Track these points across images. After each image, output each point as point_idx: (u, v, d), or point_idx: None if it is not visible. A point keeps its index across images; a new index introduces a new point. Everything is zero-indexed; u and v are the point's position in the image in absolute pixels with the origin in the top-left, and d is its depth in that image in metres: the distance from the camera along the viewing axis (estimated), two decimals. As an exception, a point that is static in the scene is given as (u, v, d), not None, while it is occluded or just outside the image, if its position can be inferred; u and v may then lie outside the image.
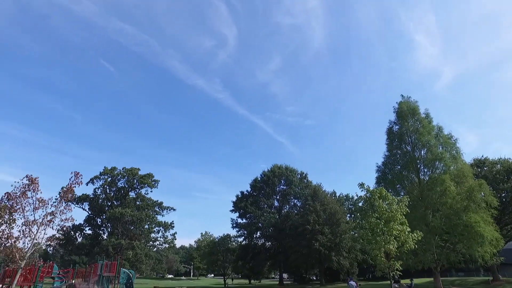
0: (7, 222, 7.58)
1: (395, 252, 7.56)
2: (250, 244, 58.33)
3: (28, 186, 7.93)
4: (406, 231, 7.72)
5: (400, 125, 32.70)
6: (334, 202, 52.37)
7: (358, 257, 49.99)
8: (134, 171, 62.03)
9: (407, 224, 7.80)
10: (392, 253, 7.48)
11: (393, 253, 7.49)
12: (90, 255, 52.48)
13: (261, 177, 61.94)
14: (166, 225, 61.73)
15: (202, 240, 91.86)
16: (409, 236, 7.68)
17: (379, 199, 7.88)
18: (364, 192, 8.42)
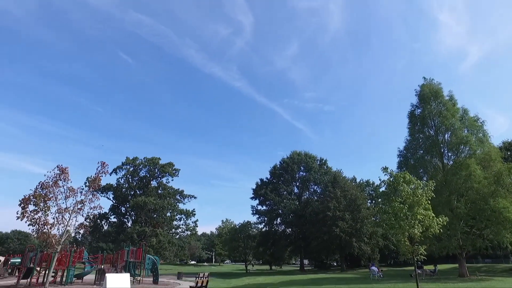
0: (43, 209, 7.98)
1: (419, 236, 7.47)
2: (270, 230, 58.99)
3: (59, 175, 8.30)
4: (431, 216, 7.59)
5: (422, 108, 31.75)
6: (354, 188, 51.99)
7: (379, 243, 49.70)
8: (155, 160, 63.53)
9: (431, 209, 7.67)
10: (417, 237, 7.39)
11: (417, 237, 7.40)
12: (116, 242, 54.62)
13: (280, 164, 62.10)
14: (188, 212, 63.25)
15: (223, 227, 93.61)
16: (434, 221, 7.55)
17: (404, 183, 7.76)
18: (387, 176, 8.30)
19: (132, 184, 63.84)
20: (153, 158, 63.71)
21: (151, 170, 63.88)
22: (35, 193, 7.97)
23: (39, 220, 7.94)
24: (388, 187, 8.29)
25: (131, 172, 63.61)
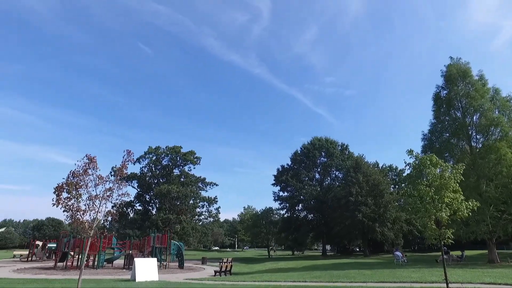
0: (75, 196, 8.37)
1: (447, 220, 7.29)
2: (292, 216, 59.35)
3: (88, 164, 8.62)
4: (460, 199, 7.37)
5: (448, 90, 30.44)
6: (377, 173, 51.23)
7: (403, 228, 49.06)
8: (177, 149, 64.78)
9: (460, 192, 7.44)
10: (444, 221, 7.22)
11: (444, 220, 7.22)
12: (142, 229, 56.60)
13: (301, 150, 61.85)
14: (210, 200, 64.50)
15: (245, 213, 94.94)
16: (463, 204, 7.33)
17: (430, 166, 7.55)
18: (412, 159, 8.10)
19: (155, 173, 65.56)
20: (174, 147, 64.97)
21: (173, 158, 65.27)
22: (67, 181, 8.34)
23: (72, 207, 8.33)
24: (413, 170, 8.10)
25: (154, 161, 65.25)
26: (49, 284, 14.01)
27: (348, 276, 18.00)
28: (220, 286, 13.67)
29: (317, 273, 21.24)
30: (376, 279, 15.95)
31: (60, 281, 15.78)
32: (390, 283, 14.52)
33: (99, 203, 8.66)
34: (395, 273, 18.76)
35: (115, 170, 9.73)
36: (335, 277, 17.62)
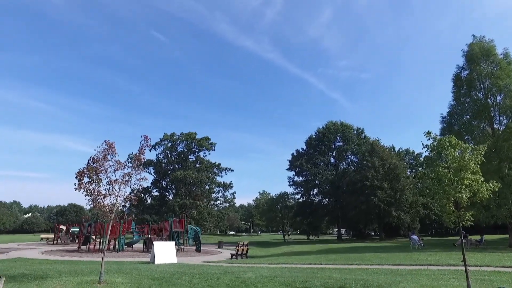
0: (96, 181, 8.63)
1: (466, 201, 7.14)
2: (307, 201, 59.60)
3: (107, 150, 8.83)
4: (480, 180, 7.19)
5: (470, 70, 29.26)
6: (393, 157, 50.57)
7: (420, 212, 48.61)
8: (192, 135, 65.44)
9: (480, 173, 7.26)
10: (463, 202, 7.08)
11: (464, 202, 7.08)
12: (159, 214, 58.02)
13: (316, 134, 61.45)
14: (225, 185, 65.34)
15: (260, 198, 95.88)
16: (483, 186, 7.16)
17: (449, 148, 7.36)
18: (430, 141, 7.91)
19: (171, 159, 66.68)
20: (189, 133, 65.63)
21: (188, 145, 66.06)
22: (87, 166, 8.59)
23: (93, 191, 8.61)
24: (431, 151, 7.92)
25: (169, 148, 66.26)
26: (74, 265, 14.65)
27: (364, 259, 18.07)
28: (237, 268, 13.98)
29: (333, 256, 21.40)
30: (392, 262, 15.96)
31: (84, 263, 16.48)
32: (406, 265, 14.51)
33: (118, 188, 8.90)
34: (411, 256, 18.71)
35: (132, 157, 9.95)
36: (351, 260, 17.72)
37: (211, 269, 13.32)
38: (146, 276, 10.55)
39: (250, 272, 11.90)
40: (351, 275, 11.18)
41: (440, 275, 10.99)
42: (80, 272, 11.50)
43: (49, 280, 9.35)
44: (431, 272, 11.71)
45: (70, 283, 8.78)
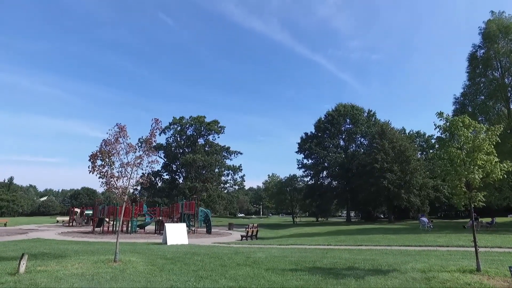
0: (108, 164, 8.79)
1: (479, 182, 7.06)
2: (316, 183, 59.80)
3: (119, 133, 8.95)
4: (494, 161, 7.07)
5: (486, 48, 28.29)
6: (403, 139, 49.99)
7: (430, 195, 48.39)
8: (201, 119, 65.59)
9: (495, 154, 7.12)
10: (476, 183, 7.00)
11: (476, 183, 7.00)
12: (170, 197, 58.97)
13: (325, 117, 60.95)
14: (235, 168, 65.84)
15: (269, 181, 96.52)
16: (497, 166, 7.05)
17: (462, 128, 7.22)
18: (443, 121, 7.77)
19: (180, 143, 67.23)
20: (198, 117, 65.77)
21: (197, 128, 66.35)
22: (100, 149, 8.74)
23: (106, 173, 8.78)
24: (443, 132, 7.79)
25: (179, 131, 66.67)
26: (90, 246, 15.15)
27: (373, 240, 18.20)
28: (248, 249, 14.25)
29: (342, 237, 21.61)
30: (401, 243, 16.05)
31: (99, 243, 17.01)
32: (415, 246, 14.58)
33: (130, 170, 9.06)
34: (420, 238, 18.77)
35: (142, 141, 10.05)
36: (360, 241, 17.88)
37: (222, 250, 13.62)
38: (159, 256, 10.85)
39: (260, 253, 12.13)
40: (360, 255, 11.31)
41: (450, 255, 11.03)
42: (96, 252, 11.90)
43: (68, 258, 9.71)
44: (440, 253, 11.76)
45: (87, 261, 9.10)
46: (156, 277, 7.18)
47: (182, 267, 8.61)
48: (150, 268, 8.46)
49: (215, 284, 6.46)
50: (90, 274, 7.38)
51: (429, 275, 7.09)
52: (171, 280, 6.84)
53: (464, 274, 7.09)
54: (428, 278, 6.88)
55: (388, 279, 6.89)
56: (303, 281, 6.75)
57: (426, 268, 7.92)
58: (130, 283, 6.54)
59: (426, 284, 6.38)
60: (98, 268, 8.16)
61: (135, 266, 8.64)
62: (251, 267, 8.55)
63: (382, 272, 7.70)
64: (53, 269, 7.89)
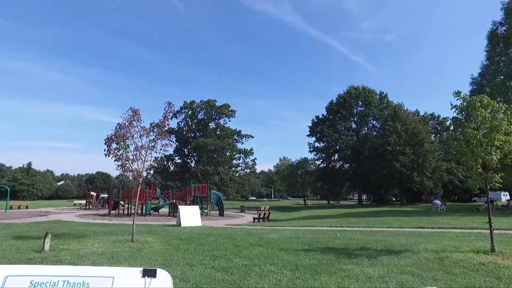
0: (123, 147, 8.96)
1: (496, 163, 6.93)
2: (328, 166, 59.72)
3: (133, 116, 9.07)
4: (512, 141, 6.90)
5: (508, 25, 27.04)
6: (417, 122, 49.10)
7: (443, 177, 47.79)
8: (211, 102, 65.57)
9: (514, 134, 6.95)
10: (493, 164, 6.88)
11: (493, 164, 6.87)
12: (182, 181, 59.74)
13: (336, 100, 60.16)
14: (246, 152, 66.10)
15: (281, 164, 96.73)
16: (516, 146, 6.88)
17: (480, 108, 7.04)
18: (460, 101, 7.58)
19: (192, 127, 67.62)
20: (209, 101, 65.75)
21: (208, 112, 66.46)
22: (115, 133, 8.89)
23: (121, 156, 8.97)
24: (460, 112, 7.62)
25: (190, 116, 66.94)
26: (107, 227, 15.65)
27: (385, 222, 18.24)
28: (260, 230, 14.49)
29: (354, 219, 21.72)
30: (413, 225, 16.05)
31: (116, 225, 17.55)
32: (428, 228, 14.57)
33: (145, 153, 9.22)
34: (433, 220, 18.72)
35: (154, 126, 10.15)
36: (371, 223, 17.95)
37: (235, 231, 13.88)
38: (174, 237, 11.15)
39: (273, 234, 12.33)
40: (372, 236, 11.38)
41: (463, 237, 11.00)
42: (114, 233, 12.30)
43: (87, 238, 10.09)
44: (453, 235, 11.73)
45: (106, 241, 9.44)
46: (173, 256, 7.41)
47: (197, 247, 8.84)
48: (166, 247, 8.72)
49: (230, 263, 6.64)
50: (110, 253, 7.67)
51: (442, 255, 7.12)
52: (187, 259, 7.05)
53: (478, 254, 7.09)
54: (441, 258, 6.91)
55: (400, 259, 6.94)
56: (316, 260, 6.87)
57: (439, 249, 7.94)
58: (148, 261, 6.78)
59: (439, 264, 6.42)
60: (117, 248, 8.46)
61: (152, 246, 8.92)
62: (264, 247, 8.73)
63: (395, 252, 7.75)
64: (75, 248, 8.23)
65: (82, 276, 1.45)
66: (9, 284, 1.37)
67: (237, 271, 5.85)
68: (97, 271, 1.50)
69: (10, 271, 1.41)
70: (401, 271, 5.86)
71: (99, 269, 1.50)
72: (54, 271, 1.44)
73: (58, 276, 1.42)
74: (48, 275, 1.42)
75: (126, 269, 1.53)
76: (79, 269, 1.46)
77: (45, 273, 1.43)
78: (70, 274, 1.44)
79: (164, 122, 9.35)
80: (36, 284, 1.38)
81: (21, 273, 1.42)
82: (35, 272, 1.43)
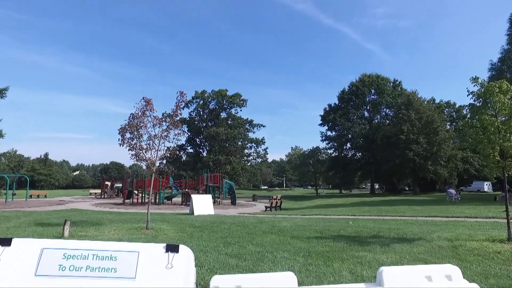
0: (137, 136, 9.11)
1: (515, 150, 6.77)
2: (340, 155, 59.43)
3: (145, 106, 9.17)
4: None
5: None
6: (431, 110, 48.08)
7: (458, 166, 46.98)
8: (223, 92, 65.60)
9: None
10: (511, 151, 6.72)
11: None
12: (194, 170, 60.35)
13: (349, 88, 59.35)
14: (258, 141, 66.20)
15: (292, 153, 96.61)
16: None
17: (499, 94, 6.84)
18: (477, 87, 7.38)
19: (203, 117, 67.96)
20: (220, 90, 65.77)
21: (220, 102, 66.56)
22: (129, 122, 9.03)
23: (135, 146, 9.12)
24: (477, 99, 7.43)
25: (201, 105, 67.19)
26: (122, 215, 16.03)
27: (397, 211, 18.12)
28: (273, 218, 14.61)
29: (366, 208, 21.64)
30: (427, 214, 15.89)
31: (131, 214, 17.94)
32: (442, 217, 14.40)
33: (158, 142, 9.35)
34: (447, 209, 18.48)
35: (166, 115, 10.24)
36: (384, 212, 17.86)
37: (248, 219, 14.03)
38: (187, 225, 11.35)
39: (285, 222, 12.42)
40: (385, 225, 11.34)
41: (478, 226, 10.85)
42: (129, 221, 12.61)
43: (104, 226, 10.38)
44: (468, 223, 11.58)
45: (122, 229, 9.69)
46: (187, 243, 7.56)
47: (211, 234, 9.00)
48: (180, 235, 8.90)
49: (243, 249, 6.74)
50: (126, 239, 7.88)
51: (456, 244, 7.06)
52: (200, 246, 7.19)
53: (494, 243, 7.00)
54: (455, 246, 6.85)
55: (413, 246, 6.92)
56: (328, 247, 6.91)
57: (453, 237, 7.87)
58: (163, 248, 6.94)
59: (453, 252, 6.37)
60: (133, 234, 8.69)
61: (166, 233, 9.12)
62: (277, 234, 8.81)
63: (408, 240, 7.73)
64: (93, 234, 8.49)
65: (110, 250, 1.57)
66: (45, 255, 1.51)
67: (250, 257, 5.94)
68: (124, 246, 1.63)
69: (45, 244, 1.57)
70: (414, 258, 5.85)
71: (125, 244, 1.62)
72: (84, 246, 1.59)
73: (88, 250, 1.55)
74: (79, 248, 1.56)
75: (150, 244, 1.64)
76: (107, 244, 1.59)
77: (76, 247, 1.58)
78: (99, 248, 1.58)
79: (176, 111, 9.43)
80: (69, 257, 1.52)
81: (55, 246, 1.57)
82: (68, 246, 1.58)
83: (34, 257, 1.49)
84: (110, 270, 1.49)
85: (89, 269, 1.48)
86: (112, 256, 1.53)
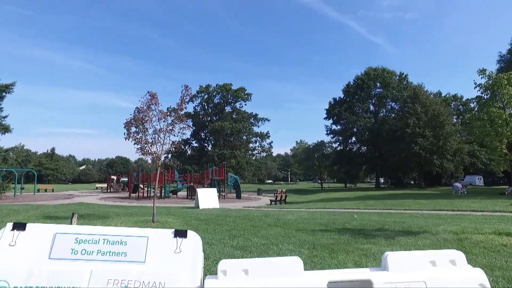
0: (142, 130, 9.17)
1: (523, 144, 6.70)
2: (345, 149, 59.30)
3: (151, 100, 9.21)
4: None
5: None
6: (438, 103, 47.60)
7: (465, 160, 46.58)
8: (227, 86, 65.56)
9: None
10: (520, 144, 6.66)
11: (520, 144, 6.65)
12: (199, 164, 60.65)
13: (354, 81, 58.95)
14: (262, 135, 66.25)
15: (297, 147, 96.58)
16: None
17: (507, 86, 6.76)
18: (485, 79, 7.29)
19: (208, 111, 68.04)
20: (224, 85, 65.73)
21: (224, 96, 66.56)
22: (134, 116, 9.09)
23: (141, 139, 9.19)
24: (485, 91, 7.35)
25: (206, 100, 67.27)
26: (128, 209, 16.21)
27: (403, 205, 18.08)
28: (277, 212, 14.67)
29: (371, 202, 21.62)
30: (432, 207, 15.83)
31: (137, 207, 18.13)
32: (447, 211, 14.34)
33: (163, 136, 9.41)
34: (453, 203, 18.39)
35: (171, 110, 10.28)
36: (389, 205, 17.83)
37: (253, 213, 14.11)
38: (193, 218, 11.45)
39: (290, 215, 12.46)
40: (390, 218, 11.33)
41: (484, 219, 10.79)
42: (135, 214, 12.75)
43: (110, 219, 10.51)
44: (474, 217, 11.52)
45: (128, 222, 9.81)
46: (193, 235, 7.63)
47: (216, 227, 9.07)
48: (186, 227, 8.97)
49: (248, 242, 6.80)
50: (133, 232, 7.97)
51: (461, 237, 7.04)
52: (206, 238, 7.25)
53: (500, 236, 6.97)
54: (461, 239, 6.84)
55: (418, 239, 6.92)
56: (333, 240, 6.94)
57: (458, 230, 7.85)
58: (169, 240, 7.01)
59: (458, 245, 6.36)
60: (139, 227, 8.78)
61: (172, 226, 9.21)
62: (282, 227, 8.86)
63: (413, 233, 7.72)
64: (99, 227, 8.59)
65: (120, 235, 1.63)
66: (58, 239, 1.58)
67: (255, 250, 5.99)
68: (133, 231, 1.68)
69: (58, 229, 1.63)
70: (419, 251, 5.84)
71: (135, 230, 1.68)
72: (95, 231, 1.64)
73: (99, 234, 1.62)
74: (91, 233, 1.62)
75: (159, 230, 1.69)
76: (117, 229, 1.66)
77: (88, 232, 1.63)
78: (109, 233, 1.64)
79: (181, 105, 9.46)
80: (80, 241, 1.58)
81: (67, 231, 1.63)
82: (79, 231, 1.63)
83: (47, 241, 1.56)
84: (121, 254, 1.55)
85: (100, 253, 1.54)
86: (122, 241, 1.59)
